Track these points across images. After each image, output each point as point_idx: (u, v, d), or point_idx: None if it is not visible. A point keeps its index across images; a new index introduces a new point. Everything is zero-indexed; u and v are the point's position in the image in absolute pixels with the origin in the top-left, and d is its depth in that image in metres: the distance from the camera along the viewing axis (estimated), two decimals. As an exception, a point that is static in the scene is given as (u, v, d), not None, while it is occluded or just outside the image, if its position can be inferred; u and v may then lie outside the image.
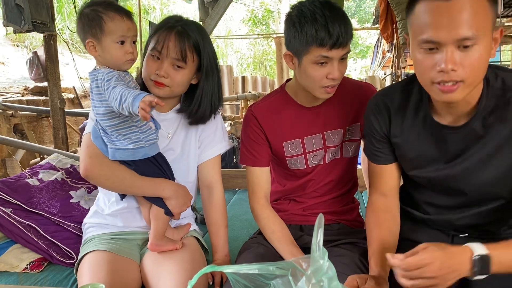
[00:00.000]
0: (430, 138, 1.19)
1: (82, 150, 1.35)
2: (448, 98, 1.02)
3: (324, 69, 1.29)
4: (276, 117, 1.47)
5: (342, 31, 1.25)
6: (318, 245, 0.60)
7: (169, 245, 1.38)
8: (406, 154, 1.25)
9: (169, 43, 1.33)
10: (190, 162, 1.51)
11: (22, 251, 1.61)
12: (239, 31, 14.04)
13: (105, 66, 1.27)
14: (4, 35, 8.68)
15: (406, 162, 1.27)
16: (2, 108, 4.94)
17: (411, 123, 1.21)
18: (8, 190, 1.65)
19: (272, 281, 0.65)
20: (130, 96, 1.13)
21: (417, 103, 1.20)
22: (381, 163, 1.31)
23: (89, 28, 1.25)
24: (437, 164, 1.19)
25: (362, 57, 17.61)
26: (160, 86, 1.36)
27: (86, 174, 1.33)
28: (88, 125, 1.39)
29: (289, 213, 1.55)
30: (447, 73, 0.97)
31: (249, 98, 6.04)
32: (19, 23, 3.26)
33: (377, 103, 1.27)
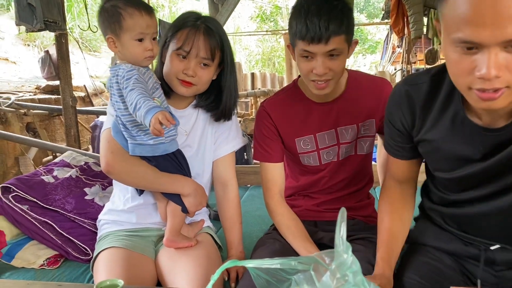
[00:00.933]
0: (460, 137, 1.03)
1: (102, 145, 1.34)
2: (488, 106, 0.85)
3: (310, 63, 1.28)
4: (288, 113, 1.46)
5: (321, 26, 1.20)
6: (342, 239, 0.59)
7: (184, 242, 1.38)
8: (431, 153, 1.12)
9: (198, 43, 1.32)
10: (205, 159, 1.51)
11: (39, 247, 1.63)
12: (247, 28, 14.02)
13: (126, 62, 1.27)
14: (15, 34, 8.77)
15: (431, 160, 1.15)
16: (15, 107, 4.98)
17: (438, 119, 1.06)
18: (24, 187, 1.67)
19: (293, 276, 0.65)
20: (144, 107, 1.13)
21: (448, 96, 1.03)
22: (400, 158, 1.21)
23: (108, 24, 1.25)
24: (469, 163, 1.04)
25: (372, 53, 17.48)
26: (188, 85, 1.37)
27: (107, 169, 1.33)
28: (107, 120, 1.39)
29: (303, 208, 1.55)
30: (488, 80, 0.80)
31: (259, 94, 6.03)
32: (31, 22, 3.29)
33: (401, 93, 1.11)
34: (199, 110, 1.49)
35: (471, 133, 1.00)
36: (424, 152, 1.15)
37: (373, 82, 1.49)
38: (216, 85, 1.43)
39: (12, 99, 5.00)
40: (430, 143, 1.09)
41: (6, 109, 4.88)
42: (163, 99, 1.32)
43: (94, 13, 9.39)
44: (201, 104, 1.47)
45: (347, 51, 1.30)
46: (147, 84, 1.26)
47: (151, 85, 1.29)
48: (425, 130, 1.09)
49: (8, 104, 4.90)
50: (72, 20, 8.93)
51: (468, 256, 1.15)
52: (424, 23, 6.17)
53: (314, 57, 1.26)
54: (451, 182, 1.12)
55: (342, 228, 0.61)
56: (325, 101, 1.43)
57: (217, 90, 1.45)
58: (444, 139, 1.06)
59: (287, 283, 0.68)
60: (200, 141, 1.49)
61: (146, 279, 1.31)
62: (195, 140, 1.48)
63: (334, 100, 1.43)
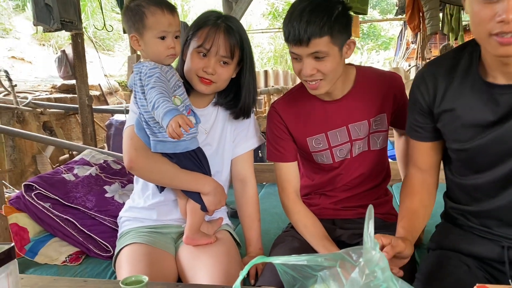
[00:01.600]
0: (479, 102, 1.08)
1: (125, 142, 1.36)
2: (506, 52, 0.94)
3: (299, 64, 1.31)
4: (298, 112, 1.47)
5: (300, 29, 1.22)
6: (370, 236, 0.60)
7: (204, 239, 1.40)
8: (449, 123, 1.15)
9: (219, 41, 1.34)
10: (225, 157, 1.53)
11: (61, 244, 1.66)
12: (259, 25, 13.99)
13: (150, 60, 1.29)
14: (31, 34, 8.90)
15: (449, 132, 1.17)
16: (32, 106, 5.06)
17: (458, 88, 1.13)
18: (46, 185, 1.70)
19: (319, 273, 0.66)
20: (163, 107, 1.15)
21: (467, 67, 1.12)
22: (421, 139, 1.25)
23: (132, 22, 1.27)
24: (486, 129, 1.08)
25: (385, 49, 17.31)
26: (207, 84, 1.38)
27: (130, 165, 1.34)
28: (130, 117, 1.41)
29: (321, 207, 1.55)
30: (507, 23, 0.89)
31: (272, 92, 6.02)
32: (49, 22, 3.33)
33: (423, 73, 1.20)
34: (218, 109, 1.51)
35: (488, 94, 1.07)
36: (443, 125, 1.18)
37: (382, 76, 1.48)
38: (235, 83, 1.44)
39: (29, 99, 5.07)
40: (450, 113, 1.14)
41: (23, 108, 4.96)
42: (185, 97, 1.33)
43: (108, 12, 9.47)
44: (221, 102, 1.48)
45: (337, 52, 1.28)
46: (169, 82, 1.28)
47: (173, 83, 1.30)
48: (445, 101, 1.15)
49: (26, 104, 4.98)
50: (86, 19, 9.02)
51: (492, 258, 1.14)
52: (440, 19, 6.10)
53: (301, 59, 1.29)
54: (468, 157, 1.15)
55: (370, 225, 0.62)
56: (334, 99, 1.43)
57: (236, 88, 1.46)
58: (463, 106, 1.11)
59: (312, 279, 0.68)
60: (219, 140, 1.50)
61: (167, 275, 1.33)
62: (215, 138, 1.50)
63: (343, 97, 1.43)
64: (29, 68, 7.91)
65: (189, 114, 1.32)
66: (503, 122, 1.05)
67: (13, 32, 8.80)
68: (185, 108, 1.31)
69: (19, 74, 7.25)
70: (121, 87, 7.56)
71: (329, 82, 1.32)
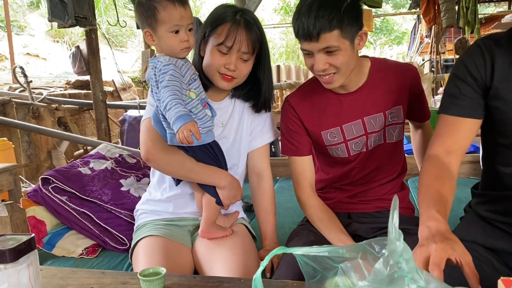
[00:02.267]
0: None
1: (143, 134, 1.37)
2: None
3: (311, 59, 1.29)
4: (313, 106, 1.45)
5: (309, 24, 1.21)
6: (394, 226, 0.59)
7: (219, 232, 1.40)
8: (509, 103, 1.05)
9: (240, 37, 1.33)
10: (241, 150, 1.53)
11: (78, 237, 1.68)
12: (271, 20, 13.96)
13: (164, 54, 1.29)
14: (45, 31, 9.00)
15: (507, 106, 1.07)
16: (47, 102, 5.12)
17: None
18: (63, 179, 1.72)
19: (340, 264, 0.65)
20: (174, 110, 1.16)
21: None
22: (460, 114, 1.13)
23: (145, 18, 1.27)
24: None
25: (398, 44, 17.14)
26: (229, 80, 1.38)
27: (147, 157, 1.35)
28: (148, 110, 1.41)
29: (336, 201, 1.53)
30: None
31: (285, 87, 6.02)
32: (63, 18, 3.37)
33: (478, 44, 1.12)
34: (235, 102, 1.50)
35: None
36: (501, 104, 1.09)
37: (398, 67, 1.46)
38: (252, 75, 1.44)
39: (44, 94, 5.13)
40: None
41: (38, 104, 5.02)
42: (201, 90, 1.33)
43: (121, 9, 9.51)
44: (238, 95, 1.48)
45: (348, 45, 1.27)
46: (183, 78, 1.27)
47: (188, 77, 1.30)
48: (505, 76, 1.07)
49: (41, 99, 5.04)
50: (99, 16, 9.08)
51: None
52: (455, 11, 6.01)
53: (313, 54, 1.28)
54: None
55: (394, 216, 0.61)
56: (348, 92, 1.42)
57: (254, 80, 1.45)
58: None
59: (333, 271, 0.68)
60: (236, 133, 1.50)
61: (184, 267, 1.33)
62: (232, 131, 1.49)
63: (358, 89, 1.41)
64: (43, 65, 8.00)
65: (204, 107, 1.32)
66: None
67: (27, 29, 8.92)
68: (200, 101, 1.31)
69: (34, 70, 7.34)
70: (134, 83, 7.62)
71: (342, 75, 1.31)
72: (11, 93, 5.25)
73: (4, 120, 4.34)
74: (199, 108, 1.29)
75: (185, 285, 0.99)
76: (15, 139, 4.71)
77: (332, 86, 1.33)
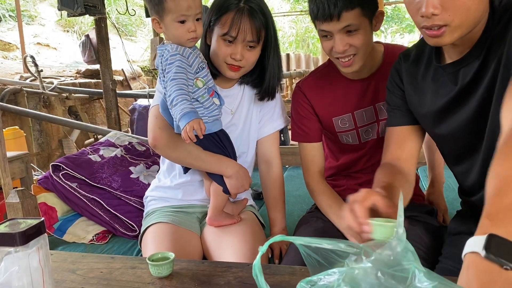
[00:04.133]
0: (439, 84, 1.06)
1: (150, 121, 1.37)
2: (436, 43, 0.94)
3: (330, 42, 1.26)
4: (324, 92, 1.44)
5: (329, 3, 1.18)
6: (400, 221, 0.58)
7: (227, 220, 1.40)
8: (420, 109, 1.13)
9: (244, 26, 1.31)
10: (250, 138, 1.52)
11: (88, 223, 1.69)
12: (280, 8, 13.83)
13: (172, 42, 1.28)
14: (55, 21, 9.03)
15: (424, 118, 1.14)
16: (58, 91, 5.16)
17: (423, 74, 1.11)
18: (73, 166, 1.73)
19: (345, 260, 0.64)
20: (180, 107, 1.17)
21: (429, 57, 1.10)
22: (396, 123, 1.19)
23: (153, 5, 1.26)
24: (453, 109, 1.05)
25: (410, 32, 16.89)
26: (236, 70, 1.38)
27: (154, 143, 1.35)
28: (156, 97, 1.41)
29: (345, 188, 1.53)
30: (428, 17, 0.89)
31: (294, 76, 5.97)
32: (73, 6, 3.37)
33: (395, 64, 1.20)
34: (244, 89, 1.49)
35: (443, 75, 1.05)
36: (416, 112, 1.16)
37: None
38: (259, 61, 1.42)
39: (55, 83, 5.17)
40: (419, 99, 1.13)
41: (49, 93, 5.06)
42: (209, 78, 1.32)
43: (131, -2, 9.47)
44: (247, 81, 1.47)
45: (368, 24, 1.26)
46: (191, 67, 1.27)
47: (197, 66, 1.29)
48: (413, 88, 1.14)
49: (52, 88, 5.08)
50: (109, 5, 9.08)
51: None
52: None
53: (332, 36, 1.25)
54: (445, 141, 1.14)
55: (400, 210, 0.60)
56: (361, 78, 1.40)
57: (262, 66, 1.44)
58: (428, 90, 1.10)
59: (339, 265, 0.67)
60: (245, 120, 1.50)
61: (193, 254, 1.34)
62: (241, 119, 1.49)
63: (371, 75, 1.39)
64: (54, 54, 8.05)
65: (212, 95, 1.32)
66: (464, 100, 1.02)
67: (38, 19, 8.96)
68: (207, 90, 1.30)
69: (44, 60, 7.39)
70: (144, 72, 7.63)
71: (362, 57, 1.29)
72: (22, 82, 5.29)
73: (16, 109, 4.38)
74: (206, 97, 1.29)
75: (193, 270, 1.00)
76: (27, 128, 4.76)
77: (351, 69, 1.31)
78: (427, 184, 2.04)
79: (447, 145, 1.18)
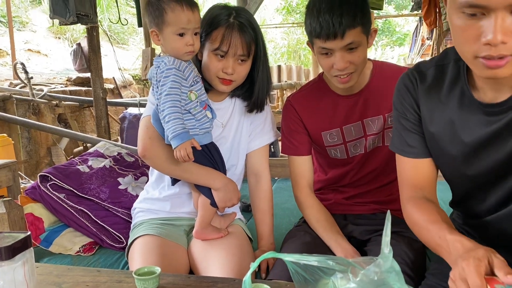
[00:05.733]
0: (466, 120, 0.97)
1: (141, 131, 1.38)
2: (494, 75, 0.82)
3: (329, 59, 1.28)
4: (314, 106, 1.46)
5: (334, 22, 1.20)
6: (386, 241, 0.60)
7: (214, 233, 1.40)
8: (439, 142, 1.03)
9: (235, 41, 1.33)
10: (240, 151, 1.53)
11: (75, 234, 1.68)
12: (273, 20, 13.94)
13: (169, 55, 1.29)
14: (46, 28, 9.00)
15: (442, 155, 1.05)
16: (47, 99, 5.13)
17: (445, 103, 1.01)
18: (61, 176, 1.72)
19: (331, 278, 0.65)
20: (173, 126, 1.22)
21: (454, 78, 1.00)
22: (415, 155, 1.09)
23: (152, 17, 1.27)
24: (478, 150, 0.97)
25: (400, 45, 17.12)
26: (228, 84, 1.39)
27: (144, 153, 1.36)
28: (148, 108, 1.42)
29: (333, 202, 1.54)
30: (495, 46, 0.77)
31: (285, 87, 6.01)
32: (65, 15, 3.38)
33: (406, 82, 1.08)
34: (235, 102, 1.51)
35: (476, 112, 0.95)
36: (432, 146, 1.07)
37: (399, 71, 1.46)
38: (249, 75, 1.44)
39: (45, 91, 5.14)
40: (439, 131, 1.03)
41: (39, 100, 5.03)
42: (202, 92, 1.34)
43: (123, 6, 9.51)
44: (238, 94, 1.48)
45: (365, 41, 1.30)
46: (186, 81, 1.28)
47: (191, 80, 1.31)
48: (431, 117, 1.04)
49: (41, 96, 5.05)
50: (101, 13, 9.09)
51: None
52: (456, 15, 5.99)
53: (332, 53, 1.27)
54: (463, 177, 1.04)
55: (387, 230, 0.62)
56: (350, 93, 1.43)
57: (252, 79, 1.46)
58: (451, 123, 1.00)
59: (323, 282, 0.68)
60: (235, 134, 1.51)
61: (179, 267, 1.34)
62: (231, 132, 1.50)
63: (360, 91, 1.42)
64: (45, 61, 8.00)
65: (205, 109, 1.33)
66: (497, 143, 0.94)
67: (29, 25, 8.92)
68: (200, 103, 1.32)
69: (35, 66, 7.35)
70: (135, 80, 7.61)
71: (358, 73, 1.33)
72: (11, 89, 5.25)
73: (4, 116, 4.34)
74: (198, 110, 1.30)
75: (179, 284, 1.00)
76: (15, 135, 4.71)
77: (348, 85, 1.34)
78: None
79: (471, 184, 1.06)
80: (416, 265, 1.27)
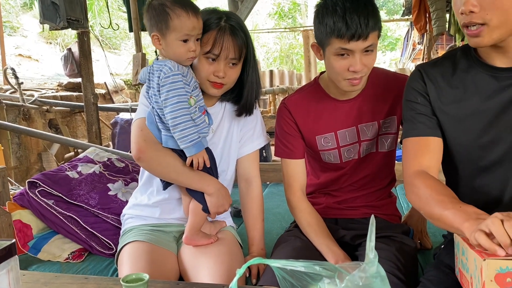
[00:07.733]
0: (483, 88, 1.07)
1: (135, 133, 1.36)
2: (476, 44, 0.97)
3: (345, 61, 1.27)
4: (309, 110, 1.46)
5: (362, 23, 1.20)
6: (371, 246, 0.59)
7: (204, 239, 1.39)
8: (457, 115, 1.11)
9: (227, 45, 1.33)
10: (230, 156, 1.53)
11: (64, 241, 1.66)
12: (265, 25, 14.00)
13: (171, 60, 1.29)
14: (38, 33, 8.95)
15: (458, 126, 1.12)
16: (38, 104, 5.09)
17: (462, 81, 1.11)
18: (50, 183, 1.71)
19: (319, 283, 0.65)
20: (188, 132, 1.25)
21: (465, 61, 1.11)
22: (424, 133, 1.15)
23: (155, 22, 1.26)
24: (491, 114, 1.05)
25: (391, 50, 17.26)
26: (219, 87, 1.39)
27: (138, 155, 1.34)
28: (140, 110, 1.41)
29: (324, 206, 1.54)
30: (467, 15, 0.93)
31: (277, 92, 6.03)
32: (55, 20, 3.36)
33: (420, 72, 1.19)
34: (225, 107, 1.51)
35: (490, 77, 1.06)
36: (449, 120, 1.14)
37: (394, 78, 1.48)
38: (239, 78, 1.44)
39: (36, 96, 5.10)
40: (458, 105, 1.11)
41: (29, 106, 4.99)
42: (200, 97, 1.34)
43: (115, 11, 9.49)
44: (228, 98, 1.48)
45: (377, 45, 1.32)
46: (189, 86, 1.29)
47: (193, 85, 1.31)
48: (450, 98, 1.13)
49: (32, 101, 5.01)
50: (93, 18, 9.06)
51: None
52: (446, 20, 6.07)
53: (351, 54, 1.26)
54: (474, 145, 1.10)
55: (372, 236, 0.61)
56: (346, 99, 1.43)
57: (241, 83, 1.45)
58: (470, 94, 1.09)
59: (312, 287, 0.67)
60: (226, 139, 1.50)
61: (169, 273, 1.33)
62: (221, 137, 1.50)
63: (355, 97, 1.42)
64: (35, 66, 7.96)
65: (204, 114, 1.33)
66: None
67: (20, 30, 8.87)
68: (198, 108, 1.32)
69: (25, 71, 7.30)
70: (127, 85, 7.59)
71: (367, 77, 1.35)
72: (1, 94, 5.20)
73: (-6, 121, 4.30)
74: (197, 115, 1.31)
75: (168, 291, 0.99)
76: (5, 141, 4.67)
77: (357, 88, 1.34)
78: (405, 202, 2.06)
79: (484, 153, 1.11)
80: (408, 269, 1.27)
